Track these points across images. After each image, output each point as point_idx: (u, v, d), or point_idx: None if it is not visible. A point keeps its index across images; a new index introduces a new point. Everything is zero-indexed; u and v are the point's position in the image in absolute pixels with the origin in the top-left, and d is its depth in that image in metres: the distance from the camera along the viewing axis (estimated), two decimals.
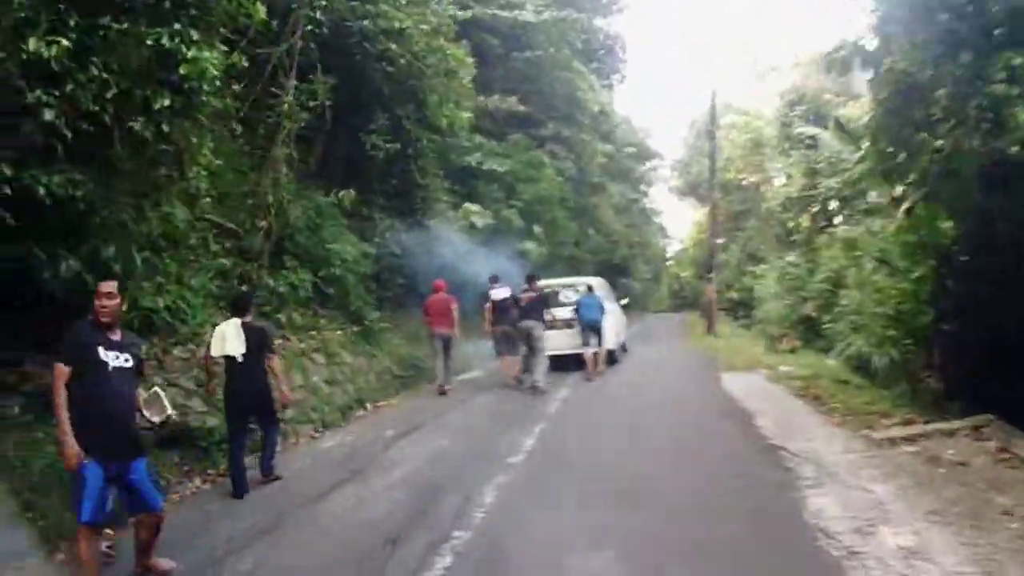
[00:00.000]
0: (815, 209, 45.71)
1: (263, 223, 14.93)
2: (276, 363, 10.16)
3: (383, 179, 21.42)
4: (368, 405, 16.08)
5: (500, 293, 18.08)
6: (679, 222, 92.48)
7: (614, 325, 20.69)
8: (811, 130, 43.27)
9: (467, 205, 25.04)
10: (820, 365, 18.63)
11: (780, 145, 52.93)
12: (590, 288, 19.78)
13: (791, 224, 48.84)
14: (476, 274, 20.31)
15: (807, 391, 15.06)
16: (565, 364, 19.06)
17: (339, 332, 16.98)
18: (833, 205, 41.47)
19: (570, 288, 20.75)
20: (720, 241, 33.29)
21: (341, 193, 17.51)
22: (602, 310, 18.84)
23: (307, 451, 12.25)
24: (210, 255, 13.24)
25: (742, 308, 45.76)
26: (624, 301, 28.67)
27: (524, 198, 31.35)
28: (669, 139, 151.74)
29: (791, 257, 40.15)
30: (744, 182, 62.29)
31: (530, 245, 30.10)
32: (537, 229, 31.51)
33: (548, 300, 17.56)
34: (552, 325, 18.31)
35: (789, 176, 52.44)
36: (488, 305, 18.24)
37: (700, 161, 68.47)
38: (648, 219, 78.24)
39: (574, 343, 18.80)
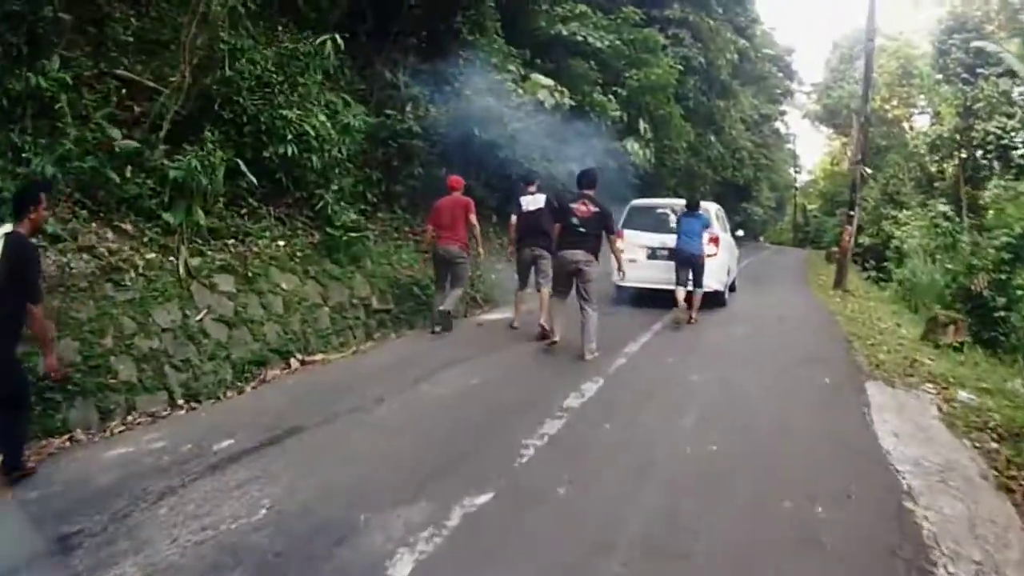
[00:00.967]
0: (964, 155, 42.41)
1: (179, 78, 10.52)
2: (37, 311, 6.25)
3: (412, 27, 17.01)
4: (298, 358, 10.71)
5: (533, 202, 13.14)
6: (811, 152, 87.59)
7: (724, 261, 17.01)
8: (988, 46, 38.01)
9: (536, 77, 18.69)
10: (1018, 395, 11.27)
11: (932, 76, 48.24)
12: (692, 206, 15.25)
13: (934, 169, 43.60)
14: (541, 174, 16.48)
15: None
16: (651, 300, 15.79)
17: (280, 243, 11.91)
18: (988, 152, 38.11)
19: (668, 209, 16.91)
20: (870, 172, 25.90)
21: (321, 39, 12.94)
22: (704, 238, 14.90)
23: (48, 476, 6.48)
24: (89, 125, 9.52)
25: (873, 256, 38.44)
26: (739, 232, 25.01)
27: (630, 84, 25.57)
28: (807, 64, 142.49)
29: (943, 207, 34.12)
30: (889, 115, 58.34)
31: (632, 144, 24.65)
32: (643, 125, 25.61)
33: (608, 218, 11.30)
34: (652, 254, 15.87)
35: (938, 114, 48.47)
36: (514, 219, 13.61)
37: (842, 86, 66.89)
38: (780, 141, 72.09)
39: (668, 277, 14.97)
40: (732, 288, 19.22)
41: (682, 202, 16.15)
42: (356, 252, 13.32)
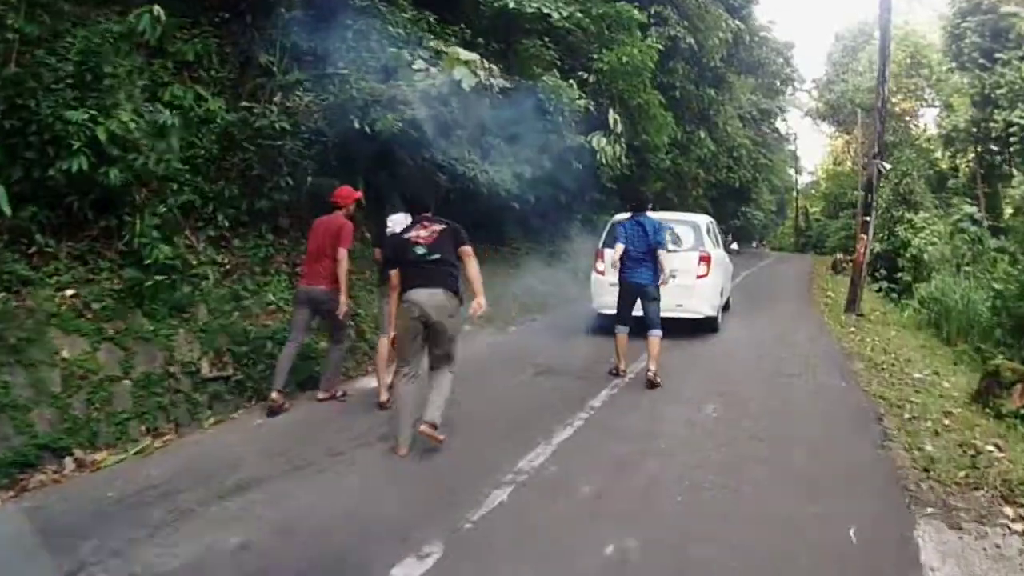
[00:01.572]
0: (980, 149, 40.91)
1: None
2: None
3: None
4: (75, 457, 7.43)
5: (398, 221, 9.24)
6: (811, 152, 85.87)
7: (717, 282, 15.41)
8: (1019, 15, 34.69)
9: (453, 50, 14.50)
10: None
11: (944, 65, 47.20)
12: (636, 205, 11.67)
13: (944, 165, 40.28)
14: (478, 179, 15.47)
15: None
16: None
17: (67, 292, 8.55)
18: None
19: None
20: (888, 167, 22.09)
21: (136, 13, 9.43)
22: (658, 259, 11.14)
23: None
24: None
25: (884, 264, 34.02)
26: (734, 246, 24.17)
27: (599, 68, 21.70)
28: (807, 62, 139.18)
29: (969, 207, 30.09)
30: (896, 108, 55.67)
31: (598, 140, 20.77)
32: (612, 117, 21.39)
33: (459, 232, 8.13)
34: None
35: (949, 106, 46.29)
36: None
37: (845, 80, 66.19)
38: (780, 141, 67.88)
39: (663, 302, 11.91)
40: (726, 307, 17.78)
41: (673, 216, 15.12)
42: (180, 299, 9.53)
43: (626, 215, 12.54)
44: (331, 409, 9.40)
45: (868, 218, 20.07)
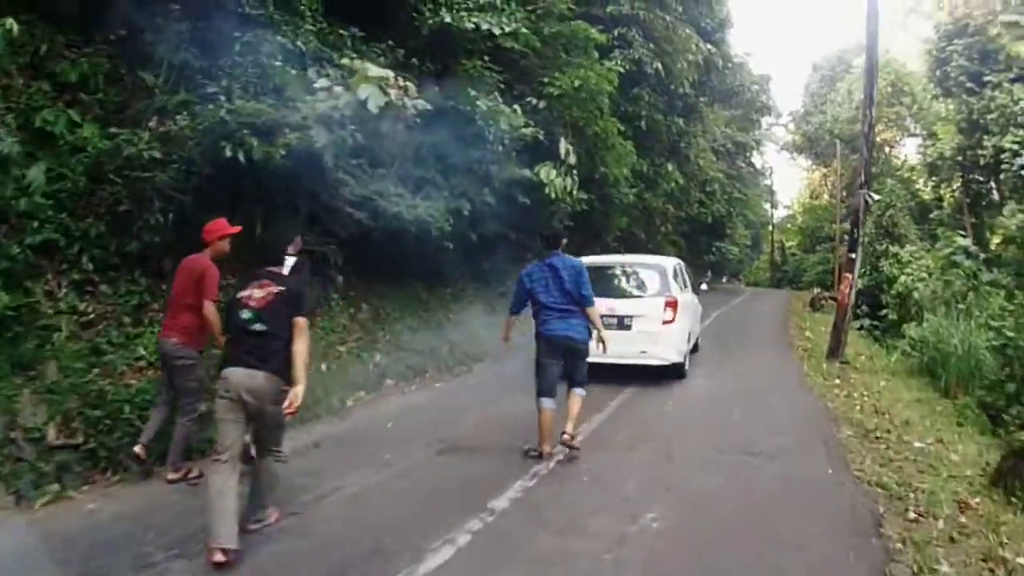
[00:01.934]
0: (966, 178, 40.40)
1: None
2: None
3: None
4: None
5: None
6: (787, 186, 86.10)
7: (684, 327, 14.85)
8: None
9: (365, 66, 12.44)
10: None
11: (928, 91, 46.50)
12: (551, 240, 9.73)
13: (927, 196, 39.10)
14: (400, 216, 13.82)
15: None
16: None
17: None
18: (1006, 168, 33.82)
19: (617, 267, 15.18)
20: (876, 198, 20.04)
21: None
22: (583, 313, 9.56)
23: None
24: None
25: (866, 301, 31.50)
26: (703, 287, 21.94)
27: (550, 92, 19.44)
28: (782, 96, 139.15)
29: (962, 239, 28.16)
30: (879, 138, 53.63)
31: (547, 172, 18.75)
32: (564, 146, 19.36)
33: (299, 299, 6.60)
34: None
35: (932, 135, 44.96)
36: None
37: (823, 111, 65.99)
38: (755, 175, 67.03)
39: (625, 351, 12.79)
40: (695, 348, 17.30)
41: (636, 259, 15.11)
42: (24, 354, 8.27)
43: (591, 259, 12.91)
44: (175, 494, 7.78)
45: (853, 255, 17.92)
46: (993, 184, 38.67)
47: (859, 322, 29.71)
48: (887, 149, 56.89)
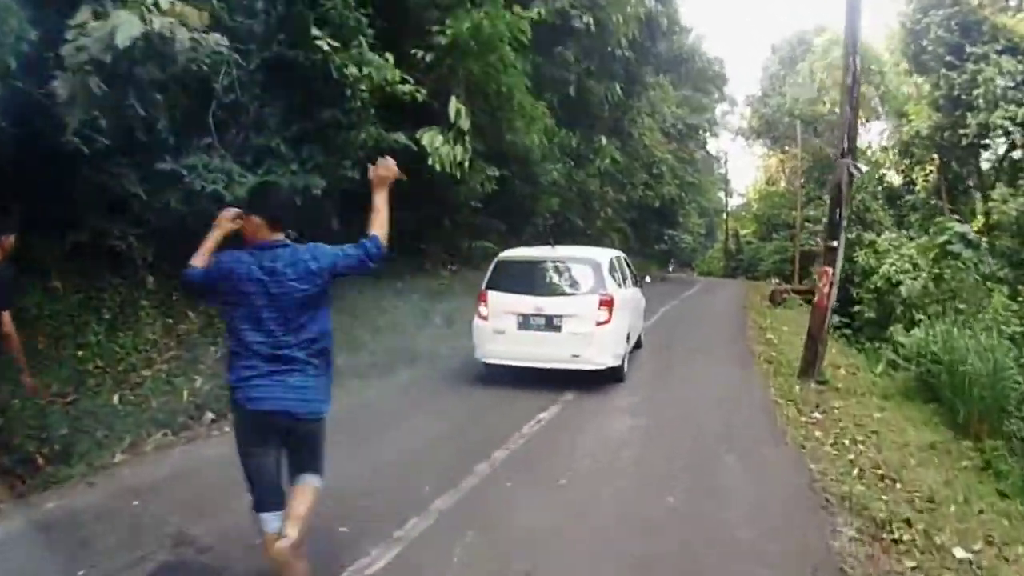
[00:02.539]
0: (943, 160, 39.30)
1: None
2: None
3: None
4: None
5: None
6: (742, 174, 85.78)
7: (621, 327, 13.53)
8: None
9: None
10: None
11: (900, 66, 43.98)
12: (273, 219, 4.93)
13: (896, 180, 41.54)
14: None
15: None
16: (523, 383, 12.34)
17: None
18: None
19: (548, 261, 13.70)
20: (864, 169, 16.19)
21: None
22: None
23: None
24: None
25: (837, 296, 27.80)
26: (647, 279, 19.94)
27: (439, 41, 15.84)
28: (737, 82, 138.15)
29: (959, 225, 24.24)
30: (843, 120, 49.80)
31: (431, 138, 15.43)
32: (454, 107, 15.50)
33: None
34: (524, 322, 12.80)
35: (903, 115, 43.78)
36: None
37: (782, 93, 63.96)
38: (709, 160, 66.40)
39: (546, 352, 12.55)
40: (638, 345, 16.64)
41: (567, 252, 14.08)
42: None
43: (516, 252, 14.01)
44: None
45: (835, 243, 13.82)
46: (974, 165, 37.46)
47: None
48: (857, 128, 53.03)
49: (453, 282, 19.77)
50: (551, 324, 12.74)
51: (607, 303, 12.86)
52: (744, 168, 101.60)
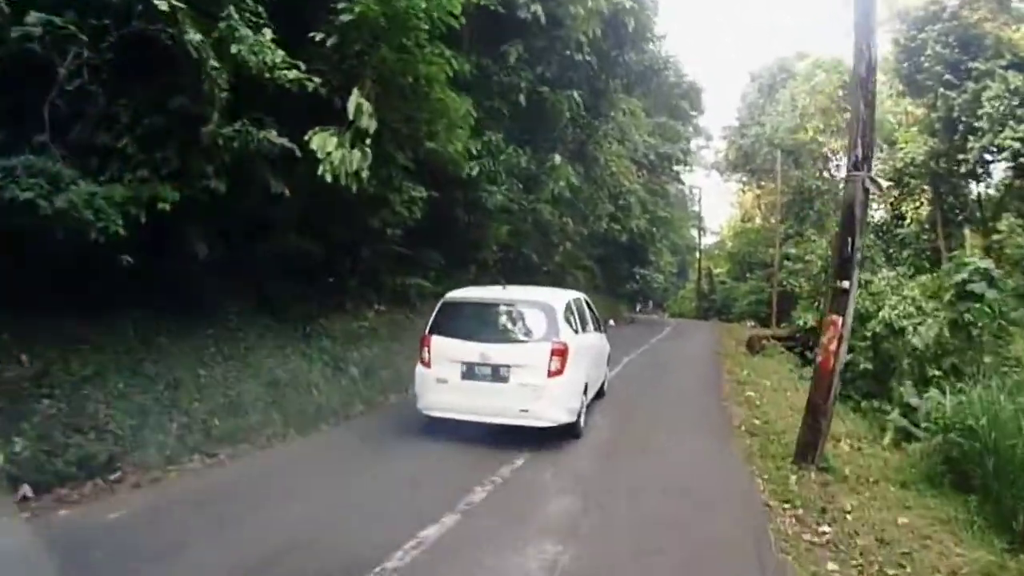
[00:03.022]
0: (939, 189, 38.43)
1: None
2: None
3: None
4: None
5: None
6: (715, 212, 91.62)
7: (577, 378, 12.59)
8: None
9: None
10: None
11: (892, 88, 41.67)
12: None
13: (882, 214, 40.36)
14: None
15: None
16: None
17: None
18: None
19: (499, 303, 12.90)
20: (885, 184, 15.48)
21: None
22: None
23: None
24: None
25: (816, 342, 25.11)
26: (611, 322, 20.31)
27: (342, 21, 12.38)
28: (713, 110, 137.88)
29: (979, 260, 21.44)
30: (824, 149, 54.59)
31: (322, 141, 11.93)
32: (358, 102, 12.39)
33: None
34: (469, 371, 11.99)
35: (892, 143, 41.06)
36: None
37: (761, 123, 61.51)
38: (682, 196, 67.01)
39: (492, 405, 11.64)
40: (600, 394, 15.47)
41: (518, 294, 13.18)
42: None
43: (462, 293, 13.01)
44: None
45: (846, 283, 10.51)
46: (966, 196, 36.58)
47: (812, 368, 23.34)
48: (833, 162, 54.68)
49: (378, 325, 17.13)
50: (498, 374, 11.87)
51: (560, 352, 11.95)
52: (718, 205, 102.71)
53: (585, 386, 13.11)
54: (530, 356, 11.86)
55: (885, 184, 14.31)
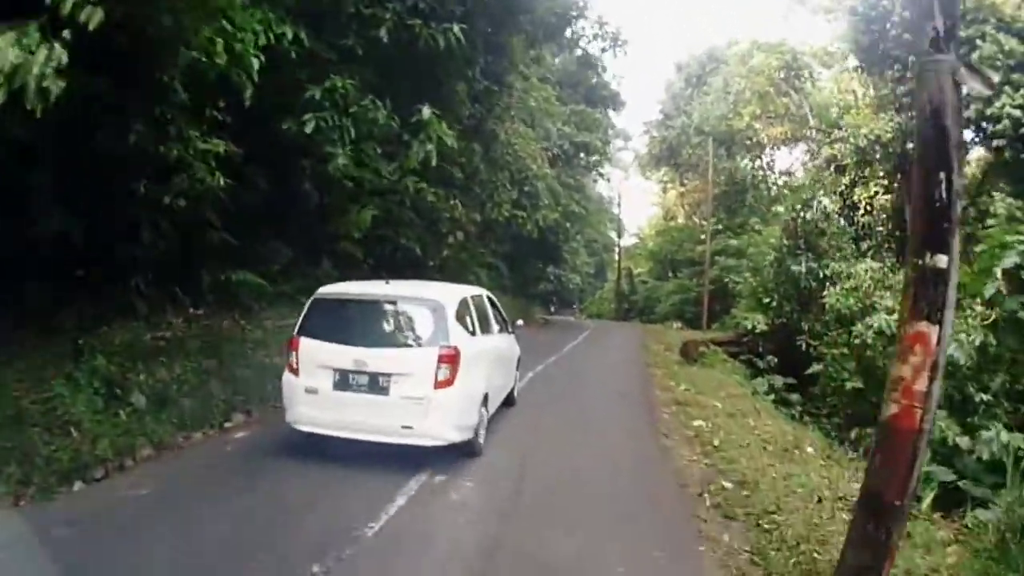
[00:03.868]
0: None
1: None
2: None
3: None
4: None
5: None
6: (634, 212, 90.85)
7: (471, 390, 11.33)
8: None
9: None
10: None
11: (849, 61, 40.83)
12: None
13: (831, 204, 32.78)
14: None
15: None
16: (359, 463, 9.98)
17: None
18: None
19: (379, 300, 11.53)
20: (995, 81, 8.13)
21: None
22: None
23: None
24: None
25: (775, 347, 24.29)
26: (519, 322, 17.39)
27: None
28: (632, 109, 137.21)
29: None
30: (762, 134, 51.62)
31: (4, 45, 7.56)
32: None
33: None
34: (343, 380, 10.66)
35: (839, 127, 39.75)
36: None
37: (688, 112, 60.56)
38: (600, 195, 65.85)
39: (369, 422, 10.32)
40: (510, 401, 14.21)
41: (407, 289, 11.94)
42: None
43: (338, 288, 11.58)
44: None
45: (943, 259, 5.36)
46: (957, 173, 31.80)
47: (765, 379, 21.34)
48: (776, 149, 53.28)
49: (187, 335, 13.33)
50: (376, 385, 10.47)
51: (450, 358, 10.67)
52: (639, 207, 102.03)
53: (485, 397, 11.85)
54: (414, 363, 10.56)
55: (995, 77, 10.04)
